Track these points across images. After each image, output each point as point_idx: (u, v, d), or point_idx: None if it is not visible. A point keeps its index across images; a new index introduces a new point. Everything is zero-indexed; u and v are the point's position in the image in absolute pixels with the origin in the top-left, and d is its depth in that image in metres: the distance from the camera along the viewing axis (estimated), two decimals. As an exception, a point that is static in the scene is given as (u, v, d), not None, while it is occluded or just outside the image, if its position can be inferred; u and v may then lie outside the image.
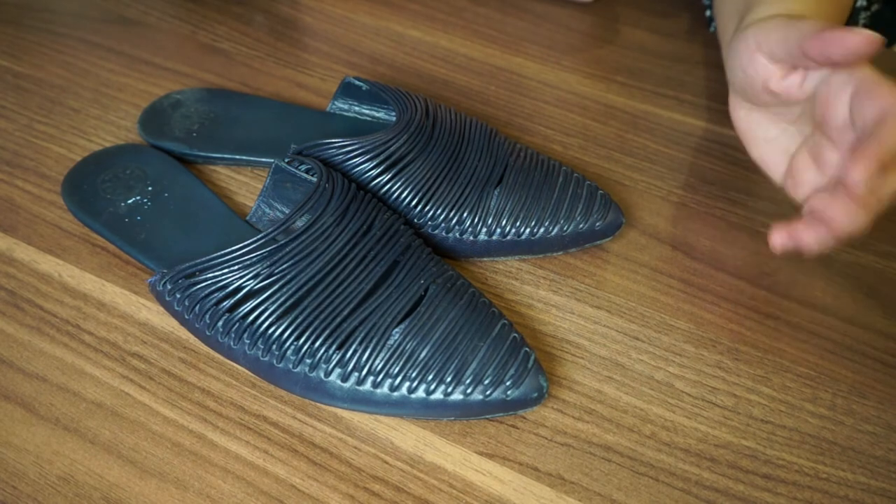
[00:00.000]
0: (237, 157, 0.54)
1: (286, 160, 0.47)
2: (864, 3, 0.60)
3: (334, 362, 0.40)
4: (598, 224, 0.49)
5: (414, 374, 0.40)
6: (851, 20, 0.61)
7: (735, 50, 0.46)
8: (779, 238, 0.41)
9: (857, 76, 0.40)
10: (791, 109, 0.45)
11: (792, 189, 0.46)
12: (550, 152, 0.56)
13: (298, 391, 0.42)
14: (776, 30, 0.43)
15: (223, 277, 0.41)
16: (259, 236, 0.42)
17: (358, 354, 0.40)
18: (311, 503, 0.39)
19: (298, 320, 0.41)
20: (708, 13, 0.66)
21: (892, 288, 0.49)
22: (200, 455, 0.40)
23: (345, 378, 0.41)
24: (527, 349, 0.41)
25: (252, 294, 0.41)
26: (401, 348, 0.40)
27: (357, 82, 0.54)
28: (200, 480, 0.39)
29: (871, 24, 0.62)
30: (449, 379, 0.40)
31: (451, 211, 0.48)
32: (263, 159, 0.53)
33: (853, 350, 0.45)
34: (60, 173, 0.54)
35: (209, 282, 0.42)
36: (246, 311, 0.41)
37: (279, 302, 0.41)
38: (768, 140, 0.47)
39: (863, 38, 0.38)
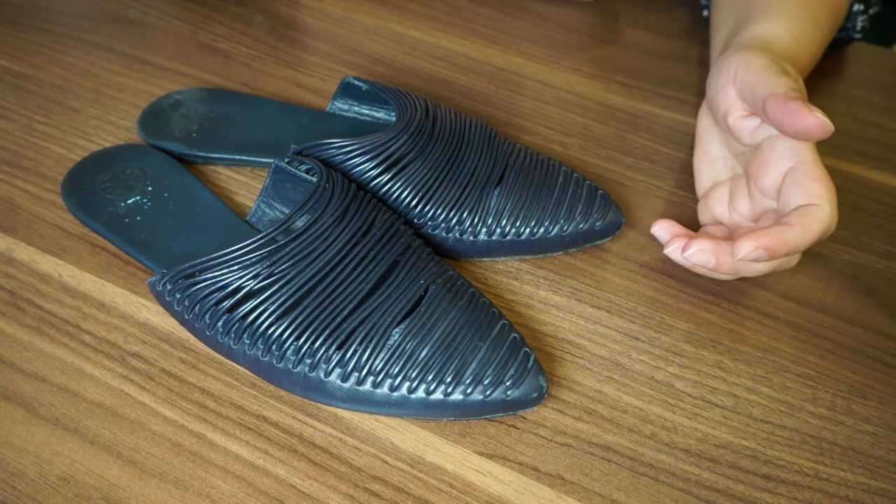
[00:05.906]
0: (237, 157, 0.54)
1: (286, 160, 0.47)
2: (861, 8, 0.60)
3: (334, 362, 0.40)
4: (598, 224, 0.49)
5: (414, 375, 0.40)
6: (849, 23, 0.61)
7: (717, 68, 0.48)
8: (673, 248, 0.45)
9: (801, 159, 0.43)
10: (738, 146, 0.48)
11: (700, 209, 0.50)
12: (550, 152, 0.56)
13: (298, 391, 0.42)
14: (757, 72, 0.44)
15: (223, 277, 0.41)
16: (259, 236, 0.42)
17: (358, 354, 0.40)
18: (311, 503, 0.39)
19: (298, 320, 0.41)
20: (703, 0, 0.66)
21: (892, 288, 0.49)
22: (200, 455, 0.40)
23: (345, 378, 0.41)
24: (527, 349, 0.41)
25: (252, 294, 0.41)
26: (401, 348, 0.40)
27: (357, 82, 0.54)
28: (200, 480, 0.39)
29: (871, 27, 0.62)
30: (449, 379, 0.40)
31: (451, 211, 0.48)
32: (263, 159, 0.53)
33: (853, 350, 0.45)
34: (60, 173, 0.54)
35: (209, 282, 0.42)
36: (246, 311, 0.41)
37: (279, 302, 0.41)
38: (711, 157, 0.50)
39: (818, 123, 0.40)
